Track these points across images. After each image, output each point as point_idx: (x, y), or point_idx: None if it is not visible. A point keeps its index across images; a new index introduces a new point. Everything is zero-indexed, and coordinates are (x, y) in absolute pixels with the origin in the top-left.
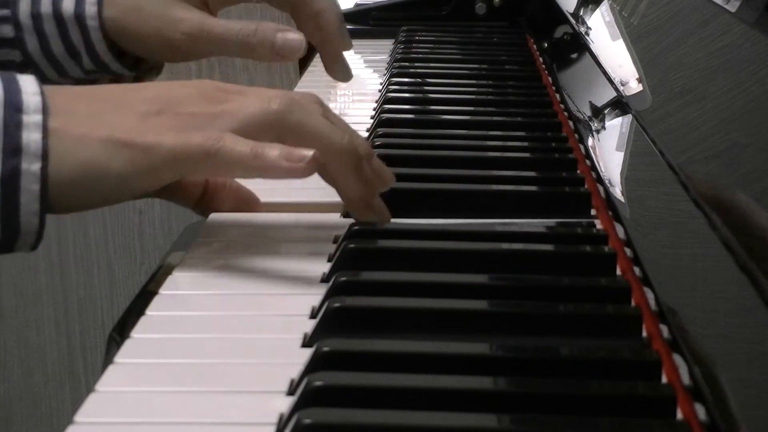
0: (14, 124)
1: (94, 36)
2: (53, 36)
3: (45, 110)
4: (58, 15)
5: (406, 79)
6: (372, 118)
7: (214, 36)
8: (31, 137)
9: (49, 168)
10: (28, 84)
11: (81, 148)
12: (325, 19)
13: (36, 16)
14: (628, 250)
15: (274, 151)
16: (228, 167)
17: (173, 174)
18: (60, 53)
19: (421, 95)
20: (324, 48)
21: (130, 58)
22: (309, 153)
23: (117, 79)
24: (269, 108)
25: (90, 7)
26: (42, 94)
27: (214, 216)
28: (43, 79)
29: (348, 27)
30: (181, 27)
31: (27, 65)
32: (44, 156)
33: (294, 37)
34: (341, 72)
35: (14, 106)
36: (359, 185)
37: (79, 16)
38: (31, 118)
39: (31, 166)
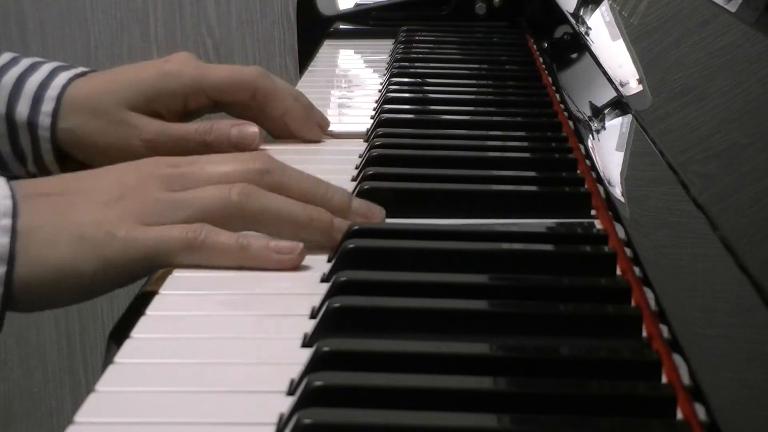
0: None
1: (44, 146)
2: (2, 136)
3: (15, 213)
4: (10, 117)
5: (406, 79)
6: (372, 118)
7: (173, 138)
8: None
9: (16, 271)
10: None
11: (50, 250)
12: (291, 118)
13: None
14: (628, 250)
15: (260, 242)
16: (211, 259)
17: (150, 268)
18: (7, 154)
19: (421, 95)
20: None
21: (75, 164)
22: (298, 246)
23: None
24: (230, 199)
25: (44, 118)
26: (13, 197)
27: None
28: None
29: (348, 27)
30: (141, 134)
31: None
32: (10, 260)
33: (249, 130)
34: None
35: None
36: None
37: (31, 124)
38: (1, 222)
39: None
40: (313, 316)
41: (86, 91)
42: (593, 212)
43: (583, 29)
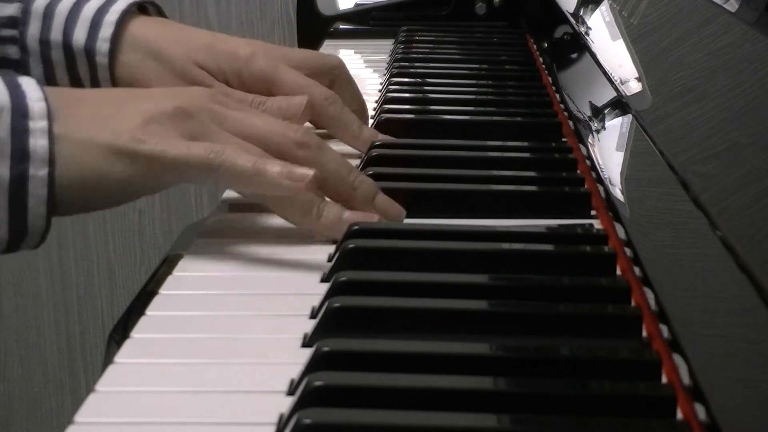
0: (21, 130)
1: (102, 74)
2: (59, 65)
3: (50, 116)
4: (67, 45)
5: (406, 79)
6: (372, 118)
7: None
8: (38, 143)
9: (57, 173)
10: (31, 89)
11: (84, 153)
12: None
13: (44, 42)
14: (628, 250)
15: (275, 167)
16: (229, 181)
17: (173, 181)
18: (64, 83)
19: (421, 95)
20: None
21: None
22: (310, 173)
23: None
24: (289, 134)
25: (102, 44)
26: (46, 99)
27: (214, 217)
28: None
29: (348, 27)
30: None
31: None
32: (51, 161)
33: (297, 101)
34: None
35: (20, 112)
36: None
37: (89, 50)
38: (37, 124)
39: (38, 172)
40: (313, 316)
41: (154, 33)
42: (593, 212)
43: (583, 29)
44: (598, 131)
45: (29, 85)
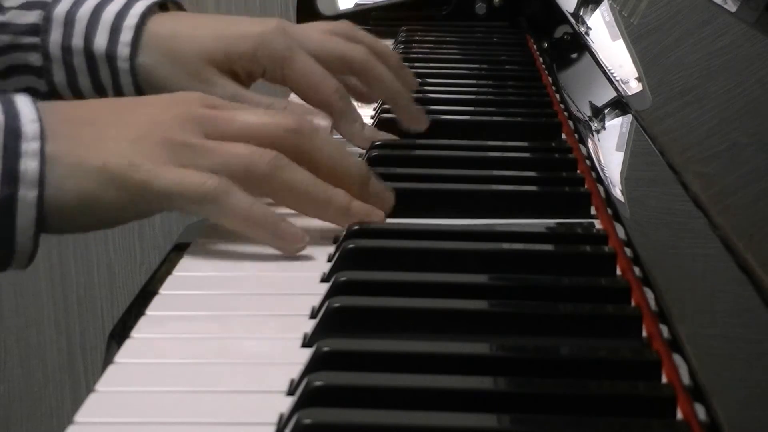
0: (13, 151)
1: (123, 79)
2: (81, 71)
3: (43, 136)
4: (89, 51)
5: None
6: (372, 118)
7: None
8: (29, 165)
9: (46, 194)
10: (26, 109)
11: (76, 176)
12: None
13: (66, 48)
14: (628, 250)
15: (269, 219)
16: (217, 217)
17: (165, 208)
18: (86, 88)
19: (421, 95)
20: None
21: None
22: (304, 238)
23: None
24: (256, 166)
25: (123, 48)
26: (40, 120)
27: None
28: None
29: None
30: (214, 91)
31: (52, 95)
32: (41, 183)
33: (321, 123)
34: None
35: (13, 132)
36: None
37: (110, 56)
38: (30, 145)
39: (28, 193)
40: (313, 316)
41: (169, 30)
42: (593, 212)
43: (583, 29)
44: (598, 131)
45: (24, 105)
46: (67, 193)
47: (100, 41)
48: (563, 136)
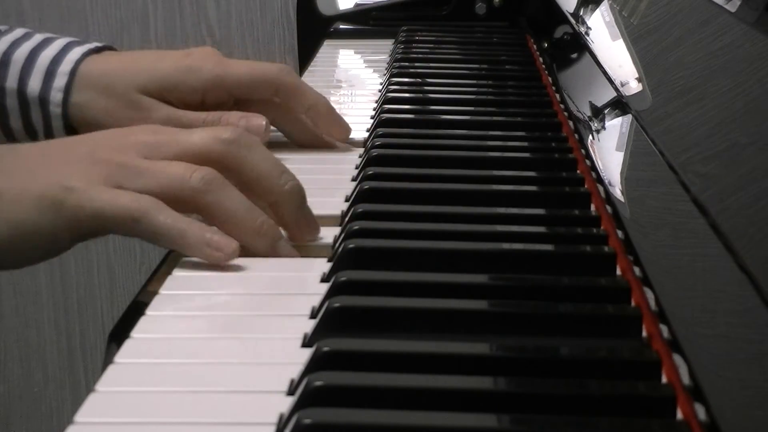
0: None
1: (55, 122)
2: (14, 112)
3: None
4: (22, 93)
5: (406, 79)
6: (372, 118)
7: (182, 125)
8: None
9: None
10: None
11: (16, 207)
12: (317, 113)
13: (0, 89)
14: (628, 250)
15: (198, 232)
16: (151, 236)
17: (101, 232)
18: (18, 130)
19: (421, 95)
20: (321, 132)
21: None
22: (233, 245)
23: None
24: (187, 182)
25: (56, 94)
26: None
27: None
28: None
29: (348, 27)
30: (150, 118)
31: None
32: None
33: (256, 122)
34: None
35: None
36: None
37: (43, 99)
38: None
39: None
40: (313, 316)
41: (101, 69)
42: (593, 212)
43: (583, 29)
44: (598, 131)
45: None
46: (7, 225)
47: (34, 85)
48: (563, 136)
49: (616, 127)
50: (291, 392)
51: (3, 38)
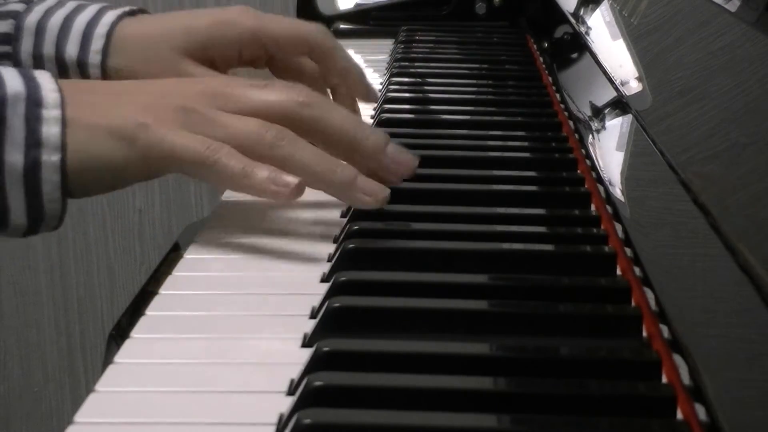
0: (35, 119)
1: None
2: None
3: (63, 104)
4: (60, 58)
5: (406, 79)
6: (372, 117)
7: None
8: (51, 131)
9: (67, 158)
10: (46, 81)
11: (92, 138)
12: (351, 75)
13: (38, 57)
14: (628, 250)
15: (263, 172)
16: (219, 179)
17: (169, 170)
18: None
19: (421, 95)
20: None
21: None
22: (295, 180)
23: None
24: (263, 139)
25: (94, 56)
26: (60, 90)
27: (214, 217)
28: None
29: (348, 27)
30: None
31: None
32: (63, 147)
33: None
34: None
35: (35, 101)
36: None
37: (81, 63)
38: (51, 113)
39: (51, 157)
40: (313, 316)
41: (139, 32)
42: (593, 212)
43: (583, 29)
44: (598, 131)
45: (44, 77)
46: (84, 156)
47: (71, 50)
48: (563, 136)
49: (616, 126)
50: (291, 392)
51: (36, 8)
